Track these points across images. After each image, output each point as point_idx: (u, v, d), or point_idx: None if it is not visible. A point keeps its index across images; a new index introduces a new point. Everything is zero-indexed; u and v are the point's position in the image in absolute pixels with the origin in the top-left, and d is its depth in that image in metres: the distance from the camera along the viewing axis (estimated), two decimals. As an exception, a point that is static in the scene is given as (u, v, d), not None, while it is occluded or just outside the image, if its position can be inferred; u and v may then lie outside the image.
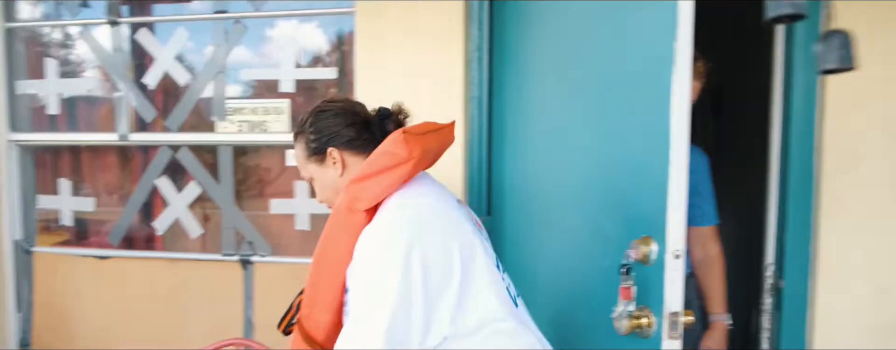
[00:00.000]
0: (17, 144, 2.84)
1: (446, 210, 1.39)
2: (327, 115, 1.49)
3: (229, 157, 2.63)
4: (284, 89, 2.56)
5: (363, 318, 1.24)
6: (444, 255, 1.28)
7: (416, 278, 1.24)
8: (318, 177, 1.51)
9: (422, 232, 1.29)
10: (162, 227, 2.74)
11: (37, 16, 2.83)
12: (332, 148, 1.46)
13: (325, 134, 1.47)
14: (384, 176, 1.35)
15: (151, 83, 2.70)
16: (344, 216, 1.36)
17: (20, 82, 2.84)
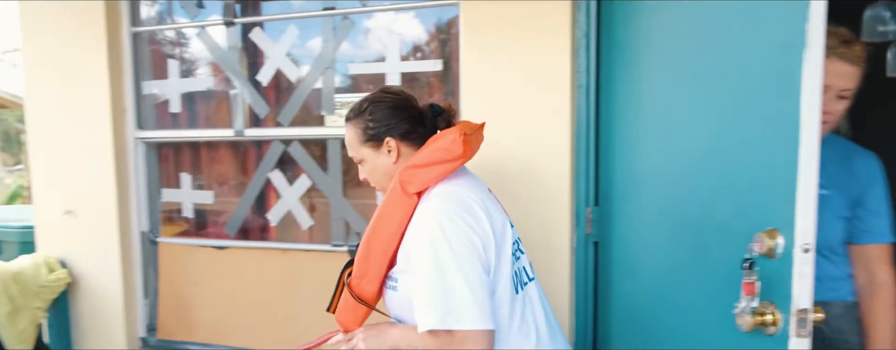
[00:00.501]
0: (142, 141, 3.03)
1: (483, 199, 1.54)
2: (386, 105, 1.64)
3: (337, 149, 2.70)
4: (391, 82, 2.61)
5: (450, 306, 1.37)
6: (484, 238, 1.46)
7: (472, 256, 1.41)
8: (371, 161, 1.64)
9: (465, 217, 1.45)
10: (275, 218, 2.85)
11: (159, 20, 3.01)
12: (389, 138, 1.60)
13: (383, 124, 1.61)
14: (436, 167, 1.53)
15: (264, 80, 2.81)
16: (399, 198, 1.52)
17: (146, 83, 3.02)
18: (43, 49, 3.07)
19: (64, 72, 3.02)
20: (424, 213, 1.48)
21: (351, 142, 1.67)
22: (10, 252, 3.36)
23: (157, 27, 2.99)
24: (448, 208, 1.46)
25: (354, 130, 1.65)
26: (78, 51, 2.97)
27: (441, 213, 1.45)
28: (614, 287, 2.36)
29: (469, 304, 1.37)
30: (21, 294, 2.77)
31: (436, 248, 1.40)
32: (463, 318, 1.36)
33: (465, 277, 1.38)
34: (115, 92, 2.96)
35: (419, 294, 1.42)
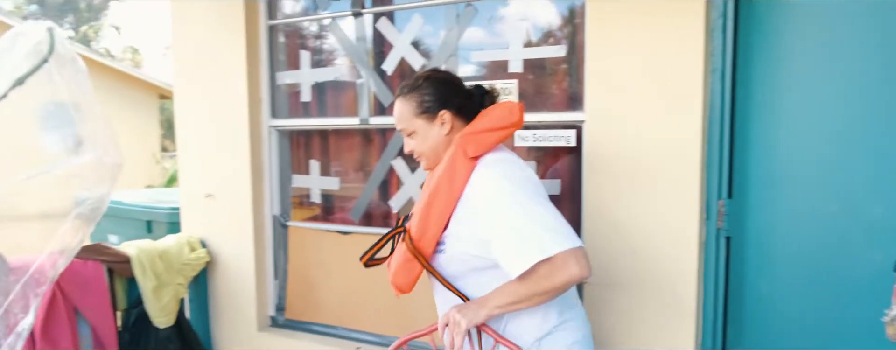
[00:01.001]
0: (275, 129, 3.18)
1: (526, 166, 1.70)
2: (443, 81, 1.78)
3: (459, 137, 2.70)
4: (513, 69, 2.58)
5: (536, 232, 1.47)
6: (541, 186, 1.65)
7: (540, 191, 1.60)
8: (422, 132, 1.77)
9: (524, 167, 1.66)
10: (397, 205, 2.90)
11: (294, 12, 3.14)
12: (445, 110, 1.74)
13: (439, 97, 1.75)
14: (495, 133, 1.68)
15: (389, 69, 2.87)
16: (460, 161, 1.65)
17: (280, 73, 3.17)
18: (190, 43, 3.29)
19: (207, 64, 3.22)
20: (486, 172, 1.62)
21: (404, 115, 1.78)
22: (159, 231, 3.63)
23: (291, 20, 3.12)
24: (507, 164, 1.64)
25: (409, 104, 1.77)
26: (219, 44, 3.16)
27: (502, 168, 1.62)
28: (747, 285, 2.21)
29: (557, 229, 1.48)
30: (165, 271, 2.98)
31: (510, 192, 1.55)
32: (558, 242, 1.45)
33: (544, 208, 1.53)
34: (251, 82, 3.13)
35: (505, 240, 1.50)
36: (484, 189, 1.60)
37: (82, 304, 2.70)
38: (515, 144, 2.58)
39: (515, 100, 2.60)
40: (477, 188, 1.62)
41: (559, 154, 2.54)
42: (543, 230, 1.48)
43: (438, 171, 1.69)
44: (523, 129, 2.54)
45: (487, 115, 1.72)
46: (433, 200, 1.66)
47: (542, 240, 1.46)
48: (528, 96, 2.58)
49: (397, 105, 1.80)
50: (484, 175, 1.62)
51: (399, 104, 1.80)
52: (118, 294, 2.93)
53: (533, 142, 2.54)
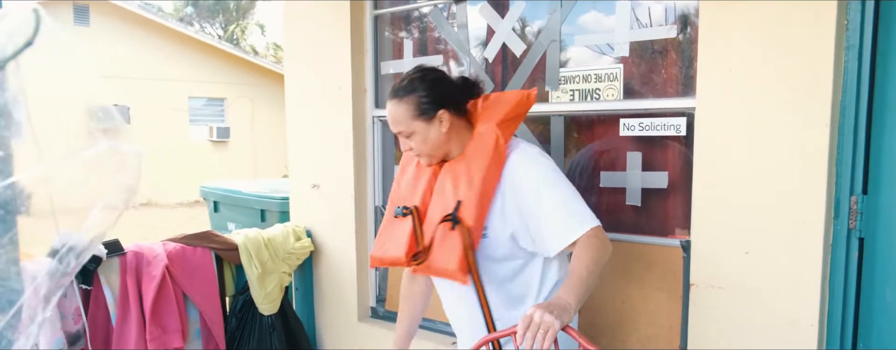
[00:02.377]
0: (379, 119, 3.16)
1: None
2: (436, 80, 1.81)
3: (560, 127, 2.55)
4: (619, 53, 2.39)
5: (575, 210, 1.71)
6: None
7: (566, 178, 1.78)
8: (422, 133, 1.78)
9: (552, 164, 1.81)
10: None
11: (398, 0, 3.10)
12: (444, 110, 1.77)
13: (438, 97, 1.77)
14: (519, 120, 1.85)
15: (490, 56, 2.75)
16: (498, 152, 1.76)
17: (383, 63, 3.14)
18: (300, 36, 3.34)
19: (315, 56, 3.26)
20: (525, 158, 1.77)
21: (401, 118, 1.78)
22: (272, 220, 3.74)
23: (396, 8, 3.08)
24: (538, 150, 1.82)
25: (406, 107, 1.77)
26: (326, 35, 3.18)
27: (538, 154, 1.79)
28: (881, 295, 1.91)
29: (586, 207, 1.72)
30: (271, 259, 3.05)
31: (555, 175, 1.75)
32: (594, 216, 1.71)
33: (574, 190, 1.75)
34: (356, 72, 3.12)
35: (553, 217, 1.69)
36: (530, 173, 1.74)
37: (191, 290, 2.80)
38: (620, 134, 2.39)
39: (620, 85, 2.41)
40: (522, 173, 1.74)
41: (666, 144, 2.33)
42: (583, 207, 1.71)
43: (478, 161, 1.76)
44: (628, 117, 2.35)
45: (505, 103, 1.83)
46: (483, 192, 1.73)
47: (585, 214, 1.70)
48: (634, 82, 2.38)
49: (392, 108, 1.80)
50: (524, 161, 1.76)
51: (394, 107, 1.79)
52: (226, 280, 3.02)
53: (639, 131, 2.34)
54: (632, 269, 2.42)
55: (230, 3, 24.96)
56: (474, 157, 1.77)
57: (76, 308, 2.53)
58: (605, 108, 2.44)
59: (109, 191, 1.13)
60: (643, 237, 2.39)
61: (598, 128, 2.53)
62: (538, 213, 1.70)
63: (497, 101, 1.85)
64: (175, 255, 2.79)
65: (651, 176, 2.36)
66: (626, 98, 2.40)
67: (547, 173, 1.74)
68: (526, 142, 1.85)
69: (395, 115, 1.79)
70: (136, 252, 2.69)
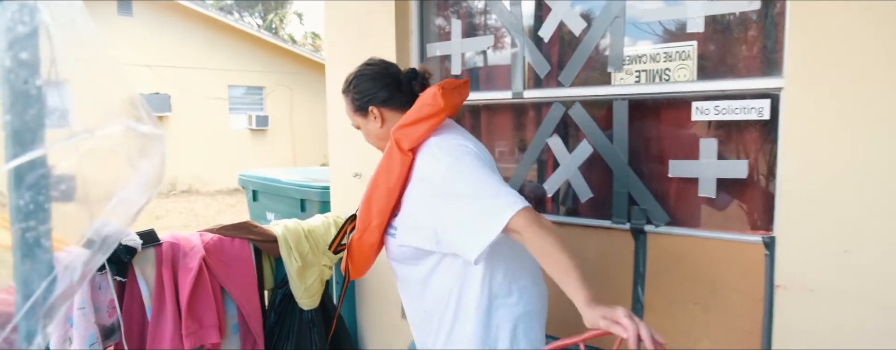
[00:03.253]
0: (425, 104, 2.97)
1: (475, 143, 1.74)
2: (366, 78, 1.85)
3: (624, 111, 2.33)
4: (692, 29, 2.16)
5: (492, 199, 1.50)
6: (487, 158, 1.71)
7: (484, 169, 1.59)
8: (364, 127, 1.89)
9: (465, 144, 1.67)
10: (551, 188, 2.58)
11: (445, -22, 2.91)
12: (372, 106, 1.82)
13: (365, 95, 1.83)
14: (423, 123, 1.69)
15: (546, 35, 2.55)
16: (395, 155, 1.68)
17: (430, 45, 2.95)
18: (340, 16, 3.17)
19: (356, 37, 3.09)
20: (429, 157, 1.66)
21: (347, 112, 1.90)
22: (312, 210, 3.59)
23: (443, -14, 2.89)
24: (448, 144, 1.67)
25: (347, 103, 1.88)
26: (369, 16, 3.01)
27: (444, 149, 1.65)
28: None
29: (506, 194, 1.50)
30: (311, 251, 2.89)
31: (462, 166, 1.59)
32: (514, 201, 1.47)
33: (491, 178, 1.56)
34: (400, 55, 2.95)
35: (467, 210, 1.52)
36: (432, 170, 1.63)
37: (228, 282, 2.67)
38: (692, 118, 2.17)
39: (693, 65, 2.18)
40: (424, 171, 1.65)
41: (747, 129, 2.10)
42: (498, 196, 1.50)
43: (379, 166, 1.73)
44: (702, 100, 2.13)
45: (414, 106, 1.73)
46: (372, 195, 1.72)
47: (499, 204, 1.47)
48: (709, 61, 2.16)
49: (344, 103, 1.90)
50: (432, 160, 1.65)
51: (344, 103, 1.90)
52: (266, 273, 2.88)
53: (714, 115, 2.12)
54: (704, 268, 2.20)
55: (269, -8, 25.05)
56: (382, 160, 1.75)
57: (111, 300, 2.41)
58: (676, 90, 2.22)
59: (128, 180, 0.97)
60: (718, 233, 2.17)
61: (668, 112, 2.31)
62: (446, 212, 1.57)
63: (418, 102, 1.74)
64: (212, 246, 2.65)
65: (728, 165, 2.13)
66: (700, 79, 2.18)
67: (450, 166, 1.59)
68: (445, 137, 1.70)
69: (345, 110, 1.92)
70: (172, 243, 2.56)
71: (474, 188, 1.54)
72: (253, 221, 2.84)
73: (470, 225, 1.51)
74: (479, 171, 1.57)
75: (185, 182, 14.79)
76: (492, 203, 1.49)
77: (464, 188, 1.55)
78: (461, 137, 1.72)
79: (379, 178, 1.71)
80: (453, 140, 1.69)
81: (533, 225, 1.43)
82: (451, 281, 1.70)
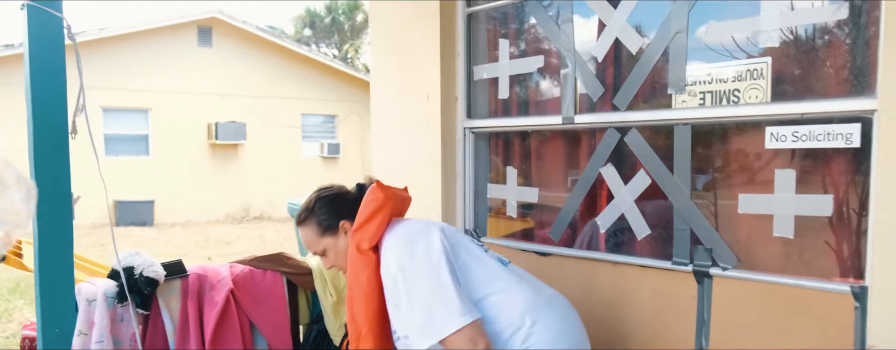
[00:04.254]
0: (471, 131, 2.78)
1: (427, 225, 1.78)
2: (327, 199, 1.92)
3: (687, 138, 2.07)
4: (765, 43, 1.89)
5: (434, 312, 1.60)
6: (442, 242, 1.71)
7: (439, 267, 1.65)
8: (333, 248, 1.91)
9: (416, 240, 1.72)
10: (605, 223, 2.33)
11: (494, -4, 2.73)
12: (343, 221, 1.87)
13: (334, 211, 1.89)
14: (373, 220, 1.76)
15: (600, 55, 2.32)
16: (358, 259, 1.75)
17: (477, 67, 2.77)
18: (385, 39, 3.04)
19: (401, 61, 2.94)
20: (385, 255, 1.71)
21: (310, 241, 1.94)
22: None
23: (492, 4, 2.70)
24: (401, 245, 1.71)
25: (311, 229, 1.92)
26: (414, 37, 2.86)
27: (396, 252, 1.70)
28: None
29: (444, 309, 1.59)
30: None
31: (414, 268, 1.66)
32: (444, 325, 1.58)
33: (434, 290, 1.62)
34: (446, 78, 2.78)
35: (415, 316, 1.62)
36: (387, 272, 1.69)
37: (258, 317, 2.52)
38: (766, 146, 1.89)
39: (767, 84, 1.91)
40: (384, 272, 1.70)
41: (832, 158, 1.81)
42: (443, 307, 1.59)
43: (348, 273, 1.79)
44: (777, 124, 1.85)
45: (360, 209, 1.79)
46: (351, 301, 1.77)
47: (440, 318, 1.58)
48: (785, 80, 1.89)
49: (301, 233, 1.95)
50: (384, 260, 1.71)
51: (302, 232, 1.95)
52: (300, 307, 2.72)
53: (792, 142, 1.84)
54: (780, 320, 1.90)
55: (345, 24, 25.56)
56: (349, 269, 1.80)
57: (132, 334, 2.30)
58: (748, 113, 1.94)
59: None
60: (797, 279, 1.87)
61: (737, 139, 2.03)
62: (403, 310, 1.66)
63: (362, 204, 1.81)
64: (242, 278, 2.52)
65: (809, 200, 1.84)
66: (774, 101, 1.90)
67: (395, 278, 1.67)
68: (399, 231, 1.76)
69: (306, 239, 1.95)
70: (199, 275, 2.44)
71: (421, 296, 1.63)
72: (286, 253, 2.69)
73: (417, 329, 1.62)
74: (427, 272, 1.65)
75: (258, 208, 15.03)
76: (435, 314, 1.60)
77: (413, 294, 1.64)
78: (412, 222, 1.81)
79: (352, 287, 1.77)
80: (406, 229, 1.76)
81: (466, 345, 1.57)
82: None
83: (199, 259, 8.48)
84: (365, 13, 24.06)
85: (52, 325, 1.90)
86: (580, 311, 2.22)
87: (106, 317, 2.19)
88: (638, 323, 2.21)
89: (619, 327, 2.27)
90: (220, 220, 14.36)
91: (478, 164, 2.81)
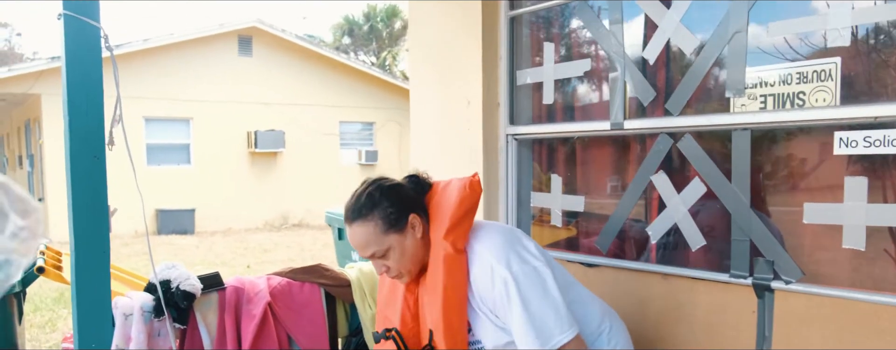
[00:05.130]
0: (514, 138, 2.69)
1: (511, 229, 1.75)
2: (393, 186, 1.71)
3: (746, 144, 1.94)
4: (834, 43, 1.77)
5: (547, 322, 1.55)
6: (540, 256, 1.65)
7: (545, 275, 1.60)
8: (399, 247, 1.67)
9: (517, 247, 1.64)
10: (656, 233, 2.21)
11: (537, -2, 2.63)
12: (412, 214, 1.68)
13: (404, 203, 1.68)
14: (468, 218, 1.67)
15: (651, 57, 2.21)
16: (455, 262, 1.62)
17: (520, 72, 2.68)
18: (425, 42, 2.97)
19: (441, 67, 2.88)
20: (484, 267, 1.60)
21: (370, 239, 1.66)
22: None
23: (536, 6, 2.61)
24: (505, 248, 1.61)
25: (371, 225, 1.66)
26: (454, 41, 2.78)
27: (503, 256, 1.59)
28: None
29: (555, 321, 1.55)
30: (388, 296, 2.65)
31: (517, 282, 1.56)
32: (555, 336, 1.54)
33: (544, 299, 1.56)
34: (487, 83, 2.69)
35: (525, 331, 1.54)
36: (492, 286, 1.59)
37: (296, 330, 2.46)
38: (835, 152, 1.76)
39: (836, 87, 1.78)
40: (485, 285, 1.60)
41: (910, 166, 1.68)
42: (552, 319, 1.55)
43: (435, 282, 1.63)
44: (848, 129, 1.72)
45: (447, 201, 1.67)
46: (449, 307, 1.62)
47: (551, 330, 1.54)
48: (856, 81, 1.76)
49: (357, 231, 1.68)
50: (482, 274, 1.61)
51: (359, 229, 1.67)
52: (339, 320, 2.65)
53: (864, 148, 1.71)
54: (848, 336, 1.76)
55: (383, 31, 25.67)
56: (433, 278, 1.65)
57: (170, 349, 2.25)
58: (814, 117, 1.81)
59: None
60: (870, 294, 1.73)
61: (802, 145, 1.91)
62: (513, 330, 1.59)
63: (440, 202, 1.71)
64: (279, 291, 2.46)
65: (883, 210, 1.70)
66: (844, 104, 1.77)
67: (506, 284, 1.57)
68: (483, 231, 1.68)
69: (363, 238, 1.67)
70: (236, 287, 2.39)
71: (530, 309, 1.56)
72: (324, 265, 2.63)
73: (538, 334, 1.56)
74: (533, 282, 1.58)
75: (297, 216, 15.12)
76: (547, 326, 1.55)
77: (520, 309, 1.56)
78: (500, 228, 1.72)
79: (448, 290, 1.62)
80: (503, 231, 1.69)
81: None
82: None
83: (238, 267, 8.52)
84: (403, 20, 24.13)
85: (89, 340, 1.85)
86: (629, 324, 2.11)
87: (143, 331, 2.15)
88: (692, 339, 2.09)
89: (672, 343, 2.14)
90: (260, 227, 14.49)
91: (521, 171, 2.71)
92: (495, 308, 1.61)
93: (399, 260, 1.68)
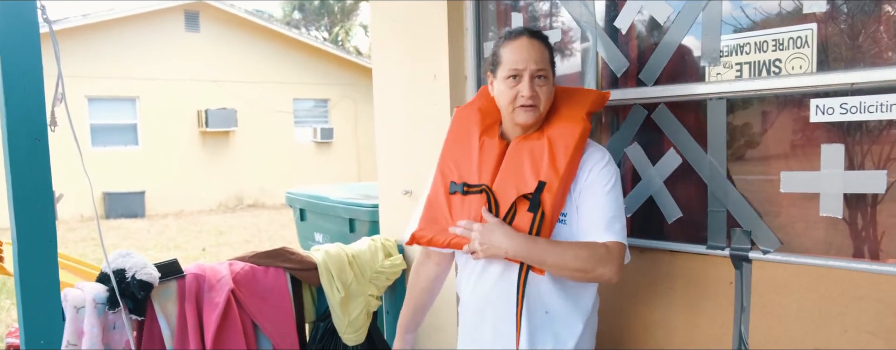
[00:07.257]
0: (482, 111, 2.61)
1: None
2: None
3: (722, 113, 1.91)
4: (810, 9, 1.73)
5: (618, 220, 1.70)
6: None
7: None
8: (551, 82, 1.76)
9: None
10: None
11: (502, -34, 2.54)
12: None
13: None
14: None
15: (624, 26, 2.14)
16: (583, 138, 1.74)
17: (488, 44, 2.59)
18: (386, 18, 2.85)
19: (404, 40, 2.77)
20: (606, 157, 1.76)
21: (545, 58, 1.73)
22: (361, 230, 3.28)
23: (499, -25, 2.52)
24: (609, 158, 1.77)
25: (548, 51, 1.75)
26: (419, 13, 2.68)
27: (612, 160, 1.77)
28: None
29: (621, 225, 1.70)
30: (356, 280, 2.57)
31: (619, 186, 1.73)
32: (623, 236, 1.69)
33: (621, 209, 1.72)
34: (454, 58, 2.60)
35: (601, 216, 1.68)
36: (606, 173, 1.72)
37: (261, 317, 2.36)
38: (812, 119, 1.74)
39: (812, 53, 1.75)
40: (600, 170, 1.73)
41: (886, 132, 1.66)
42: (621, 222, 1.70)
43: (564, 145, 1.71)
44: (824, 96, 1.70)
45: (585, 96, 1.85)
46: (568, 174, 1.70)
47: (619, 230, 1.68)
48: (833, 47, 1.73)
49: (535, 45, 1.71)
50: (604, 160, 1.75)
51: (539, 45, 1.72)
52: (306, 305, 2.56)
53: (840, 115, 1.69)
54: (829, 305, 1.76)
55: (335, 6, 25.16)
56: (559, 140, 1.72)
57: (126, 342, 2.13)
58: (790, 85, 1.78)
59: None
60: (847, 261, 1.72)
61: (778, 113, 1.87)
62: (590, 207, 1.70)
63: (574, 92, 1.86)
64: (242, 277, 2.35)
65: (859, 177, 1.69)
66: (820, 71, 1.74)
67: (617, 181, 1.73)
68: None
69: (541, 54, 1.72)
70: (196, 275, 2.28)
71: (617, 207, 1.71)
72: (289, 248, 2.53)
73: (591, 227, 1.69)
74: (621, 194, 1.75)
75: (252, 196, 14.85)
76: (617, 226, 1.69)
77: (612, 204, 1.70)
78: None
79: (574, 155, 1.71)
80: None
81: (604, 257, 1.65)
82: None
83: (193, 250, 8.31)
84: (357, -6, 23.74)
85: (37, 336, 1.73)
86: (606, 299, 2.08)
87: (97, 325, 2.02)
88: (670, 311, 2.07)
89: (650, 316, 2.12)
90: (213, 209, 14.19)
91: (489, 146, 2.64)
92: (584, 190, 1.71)
93: (548, 94, 1.74)
